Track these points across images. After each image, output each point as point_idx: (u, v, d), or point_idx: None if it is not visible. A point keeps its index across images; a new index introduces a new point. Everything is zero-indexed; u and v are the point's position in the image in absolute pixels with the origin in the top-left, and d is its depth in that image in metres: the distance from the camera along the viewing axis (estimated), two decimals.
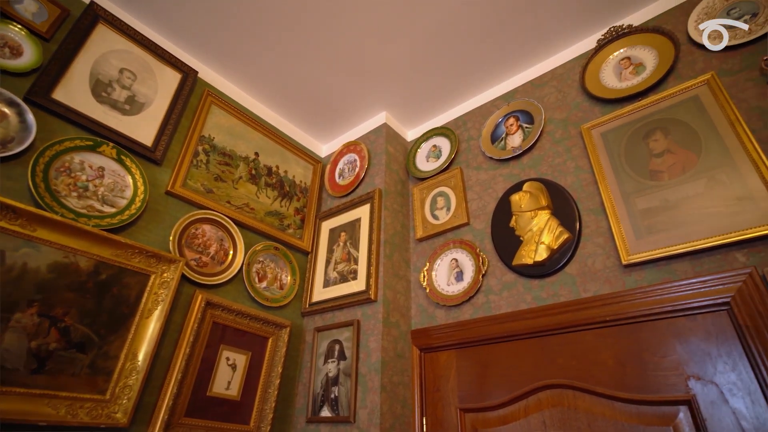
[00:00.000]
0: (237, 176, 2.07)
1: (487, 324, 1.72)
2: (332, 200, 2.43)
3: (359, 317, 1.89)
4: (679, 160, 1.48)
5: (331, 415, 1.74)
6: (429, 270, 2.00)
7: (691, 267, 1.35)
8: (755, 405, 1.14)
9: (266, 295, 1.98)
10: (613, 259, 1.51)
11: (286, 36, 1.99)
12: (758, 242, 1.26)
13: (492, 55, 2.08)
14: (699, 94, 1.52)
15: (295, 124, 2.57)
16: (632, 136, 1.62)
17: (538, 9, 1.85)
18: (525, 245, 1.71)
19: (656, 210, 1.46)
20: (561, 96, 1.95)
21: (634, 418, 1.32)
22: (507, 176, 1.96)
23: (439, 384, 1.78)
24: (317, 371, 1.90)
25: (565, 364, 1.50)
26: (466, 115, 2.32)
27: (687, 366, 1.28)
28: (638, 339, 1.39)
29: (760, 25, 1.48)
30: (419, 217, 2.18)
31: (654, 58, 1.70)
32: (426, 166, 2.33)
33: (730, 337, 1.24)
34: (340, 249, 2.17)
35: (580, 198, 1.68)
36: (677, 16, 1.72)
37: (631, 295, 1.42)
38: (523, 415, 1.53)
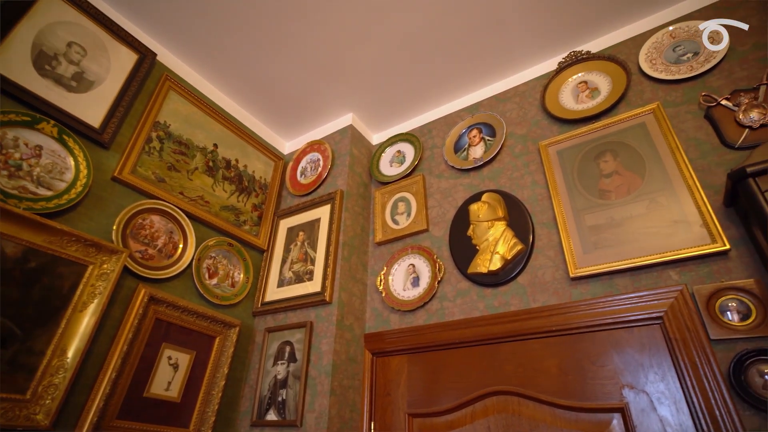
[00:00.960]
0: (193, 167, 1.98)
1: (440, 330, 1.74)
2: (292, 198, 2.38)
3: (313, 319, 1.86)
4: (626, 181, 1.57)
5: (277, 419, 1.69)
6: (386, 274, 2.00)
7: (631, 282, 1.44)
8: (679, 413, 1.23)
9: (216, 292, 1.90)
10: (561, 271, 1.58)
11: (256, 27, 1.93)
12: (690, 262, 1.36)
13: (460, 67, 2.12)
14: (646, 122, 1.63)
15: (259, 118, 2.50)
16: (585, 156, 1.71)
17: (507, 27, 1.91)
18: (480, 254, 1.75)
19: (603, 227, 1.54)
20: (522, 112, 2.02)
21: (572, 424, 1.38)
22: (467, 186, 2.01)
23: (389, 389, 1.78)
24: (265, 373, 1.84)
25: (512, 372, 1.55)
26: (431, 124, 2.36)
27: (622, 375, 1.35)
28: (580, 348, 1.46)
29: (701, 64, 1.61)
30: (380, 221, 2.18)
31: (608, 85, 1.80)
32: (389, 170, 2.33)
33: (661, 349, 1.33)
34: (298, 248, 2.12)
35: (535, 211, 1.74)
36: (630, 48, 1.84)
37: (576, 307, 1.49)
38: (469, 421, 1.56)
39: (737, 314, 1.24)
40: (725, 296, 1.27)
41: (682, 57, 1.68)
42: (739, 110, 1.46)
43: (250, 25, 1.93)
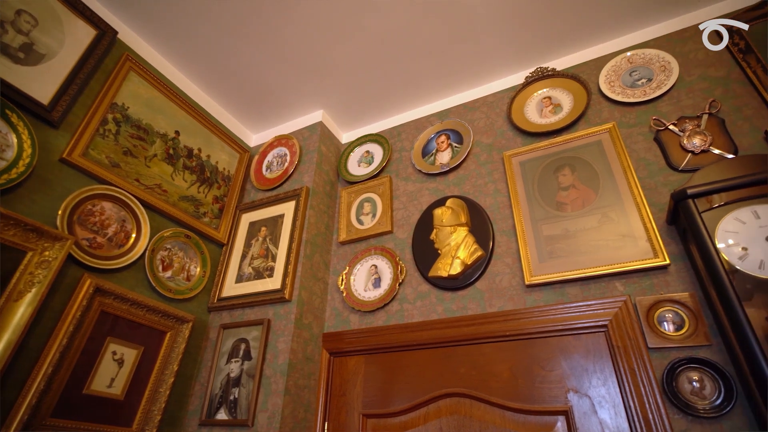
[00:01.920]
0: (151, 153, 1.89)
1: (399, 332, 1.76)
2: (256, 193, 2.32)
3: (270, 316, 1.82)
4: (581, 195, 1.65)
5: (228, 418, 1.64)
6: (348, 274, 1.99)
7: (581, 291, 1.51)
8: (617, 416, 1.30)
9: (170, 285, 1.82)
10: (518, 278, 1.64)
11: (230, 13, 1.87)
12: (634, 275, 1.45)
13: (433, 73, 2.16)
14: (602, 140, 1.72)
15: (226, 108, 2.42)
16: (545, 169, 1.78)
17: (480, 39, 1.96)
18: (442, 258, 1.78)
19: (558, 237, 1.61)
20: (489, 122, 2.08)
21: (520, 426, 1.44)
22: (433, 190, 2.04)
23: (345, 389, 1.78)
24: (218, 371, 1.79)
25: (466, 374, 1.58)
26: (401, 126, 2.38)
27: (568, 380, 1.42)
28: (531, 353, 1.51)
29: (653, 90, 1.72)
30: (344, 220, 2.17)
31: (570, 102, 1.89)
32: (357, 170, 2.33)
33: (604, 356, 1.41)
34: (259, 244, 2.08)
35: (496, 219, 1.80)
36: (592, 69, 1.94)
37: (529, 313, 1.55)
38: (422, 422, 1.58)
39: (672, 325, 1.34)
40: (663, 308, 1.37)
41: (638, 82, 1.79)
42: (684, 135, 1.57)
43: (223, 10, 1.87)
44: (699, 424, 1.19)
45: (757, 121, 1.51)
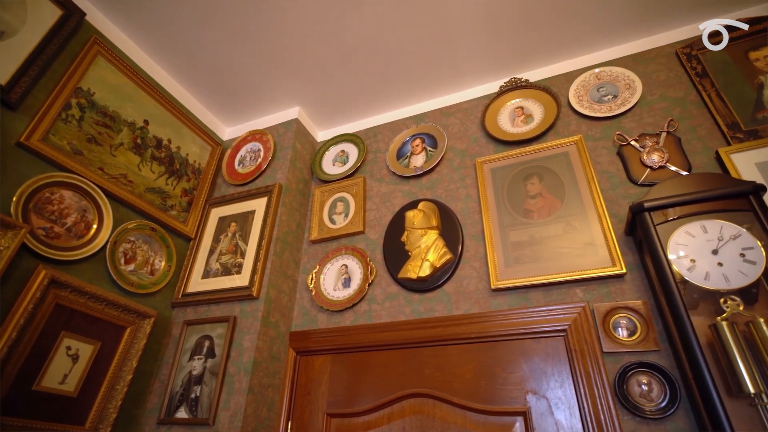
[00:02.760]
0: (117, 142, 1.82)
1: (366, 332, 1.77)
2: (227, 187, 2.28)
3: (237, 314, 1.79)
4: (547, 204, 1.72)
5: (188, 417, 1.60)
6: (318, 273, 1.99)
7: (543, 296, 1.57)
8: (572, 417, 1.36)
9: (132, 279, 1.76)
10: (484, 282, 1.68)
11: (206, 3, 1.83)
12: (593, 282, 1.52)
13: (410, 76, 2.18)
14: (569, 151, 1.79)
15: (200, 99, 2.36)
16: (515, 177, 1.84)
17: (458, 46, 2.00)
18: (412, 260, 1.80)
19: (524, 244, 1.67)
20: (464, 128, 2.12)
21: (480, 426, 1.48)
22: (406, 193, 2.06)
23: (310, 388, 1.77)
24: (180, 368, 1.75)
25: (430, 375, 1.61)
26: (377, 128, 2.39)
27: (528, 382, 1.47)
28: (494, 356, 1.56)
29: (618, 106, 1.81)
30: (317, 218, 2.16)
31: (541, 113, 1.95)
32: (331, 169, 2.32)
33: (562, 359, 1.47)
34: (228, 240, 2.04)
35: (466, 224, 1.84)
36: (563, 82, 2.01)
37: (494, 316, 1.59)
38: (386, 422, 1.60)
39: (626, 330, 1.41)
40: (618, 314, 1.44)
41: (604, 97, 1.87)
42: (644, 151, 1.66)
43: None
44: (646, 425, 1.26)
45: (709, 141, 1.61)
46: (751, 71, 1.67)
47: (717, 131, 1.61)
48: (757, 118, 1.57)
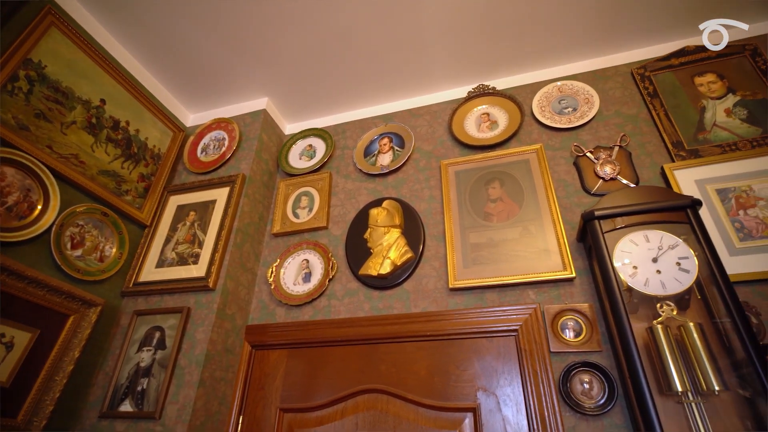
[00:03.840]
0: (69, 120, 1.73)
1: (324, 327, 1.76)
2: (188, 175, 2.21)
3: (191, 305, 1.74)
4: (507, 208, 1.78)
5: (133, 410, 1.54)
6: (278, 266, 1.96)
7: (498, 297, 1.62)
8: (519, 413, 1.42)
9: (79, 265, 1.67)
10: (442, 282, 1.72)
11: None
12: (545, 285, 1.58)
13: (383, 75, 2.19)
14: (530, 159, 1.86)
15: (163, 83, 2.27)
16: (478, 180, 1.89)
17: (428, 49, 2.03)
18: (373, 257, 1.82)
19: (482, 246, 1.72)
20: (431, 130, 2.16)
21: (431, 422, 1.51)
22: (371, 191, 2.07)
23: (264, 383, 1.75)
24: (127, 360, 1.67)
25: (386, 371, 1.63)
26: (346, 125, 2.39)
27: (479, 379, 1.52)
28: (448, 353, 1.59)
29: (577, 119, 1.90)
30: (280, 212, 2.14)
31: (506, 120, 2.02)
32: (298, 163, 2.30)
33: (512, 358, 1.52)
34: (186, 229, 1.98)
35: (428, 224, 1.87)
36: (527, 92, 2.08)
37: (451, 315, 1.63)
38: (339, 417, 1.60)
39: (572, 332, 1.48)
40: (566, 316, 1.51)
41: (565, 110, 1.96)
42: (598, 163, 1.75)
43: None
44: (585, 421, 1.33)
45: (656, 157, 1.72)
46: (695, 95, 1.80)
47: (663, 148, 1.72)
48: (698, 139, 1.69)
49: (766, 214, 1.46)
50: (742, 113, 1.69)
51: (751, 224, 1.46)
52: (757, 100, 1.69)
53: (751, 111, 1.68)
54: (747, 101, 1.71)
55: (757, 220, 1.46)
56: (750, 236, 1.45)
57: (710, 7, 1.82)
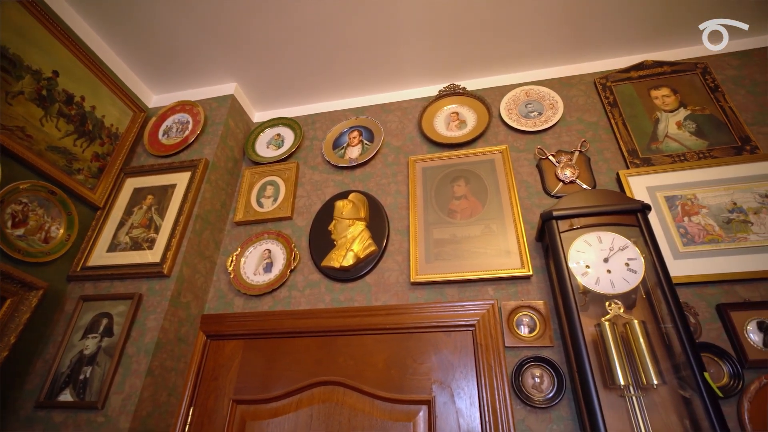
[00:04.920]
0: (16, 90, 1.61)
1: (284, 318, 1.73)
2: (147, 157, 2.12)
3: (144, 292, 1.67)
4: (470, 206, 1.81)
5: (73, 400, 1.46)
6: (239, 255, 1.91)
7: (458, 292, 1.64)
8: (472, 406, 1.44)
9: (20, 245, 1.57)
10: (404, 276, 1.72)
11: None
12: (503, 281, 1.62)
13: (356, 69, 2.18)
14: (495, 159, 1.90)
15: (125, 60, 2.17)
16: (444, 177, 1.91)
17: (402, 46, 2.04)
18: (337, 249, 1.80)
19: (445, 242, 1.74)
20: (401, 126, 2.17)
21: (387, 414, 1.51)
22: (338, 183, 2.06)
23: (218, 373, 1.70)
24: (70, 347, 1.58)
25: (344, 364, 1.62)
26: (316, 116, 2.36)
27: (435, 372, 1.53)
28: (407, 347, 1.60)
29: (542, 123, 1.95)
30: (243, 200, 2.08)
31: (474, 120, 2.06)
32: (265, 152, 2.25)
33: (469, 352, 1.55)
34: (142, 213, 1.89)
35: (393, 218, 1.88)
36: (496, 94, 2.13)
37: (410, 309, 1.64)
38: (294, 409, 1.58)
39: (527, 328, 1.52)
40: (522, 312, 1.55)
41: (530, 113, 2.01)
42: (558, 166, 1.81)
43: None
44: (534, 414, 1.37)
45: (613, 163, 1.80)
46: (651, 107, 1.89)
47: (620, 155, 1.80)
48: (651, 148, 1.78)
49: (708, 222, 1.56)
50: (692, 126, 1.79)
51: (694, 230, 1.55)
52: (705, 115, 1.80)
53: (699, 125, 1.79)
54: (696, 115, 1.81)
55: (700, 226, 1.56)
56: (693, 241, 1.53)
57: (671, 23, 1.92)
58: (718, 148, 1.70)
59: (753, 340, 1.34)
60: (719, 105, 1.81)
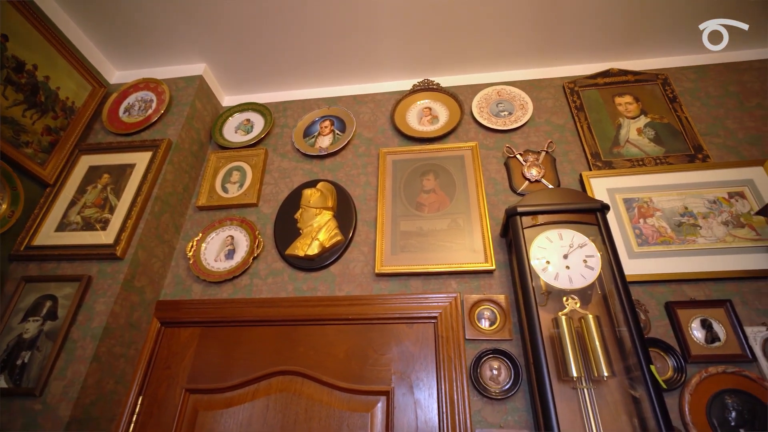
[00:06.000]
0: None
1: (244, 306, 1.69)
2: (106, 135, 2.01)
3: (94, 274, 1.58)
4: (438, 199, 1.82)
5: (8, 386, 1.36)
6: (200, 241, 1.85)
7: (422, 284, 1.65)
8: (430, 397, 1.45)
9: None
10: (369, 267, 1.71)
11: None
12: (467, 275, 1.64)
13: (331, 58, 2.15)
14: (465, 155, 1.92)
15: (87, 32, 2.05)
16: (414, 171, 1.91)
17: (380, 39, 2.03)
18: (302, 238, 1.77)
19: (412, 234, 1.74)
20: (374, 118, 2.16)
21: (345, 405, 1.49)
22: (307, 172, 2.02)
23: (171, 362, 1.63)
24: (8, 330, 1.48)
25: (304, 353, 1.59)
26: (288, 103, 2.31)
27: (396, 364, 1.53)
28: (368, 338, 1.59)
29: (512, 122, 1.99)
30: (208, 184, 2.01)
31: (446, 116, 2.07)
32: (233, 136, 2.19)
33: (430, 344, 1.56)
34: (97, 192, 1.80)
35: (361, 209, 1.86)
36: (468, 92, 2.15)
37: (374, 300, 1.63)
38: (250, 399, 1.54)
39: (488, 321, 1.54)
40: (483, 306, 1.57)
41: (501, 113, 2.05)
42: (525, 165, 1.84)
43: None
44: (490, 405, 1.39)
45: (577, 165, 1.85)
46: (614, 113, 1.96)
47: (583, 158, 1.86)
48: (613, 152, 1.85)
49: (661, 224, 1.63)
50: (651, 133, 1.87)
51: (648, 232, 1.62)
52: (663, 124, 1.89)
53: (657, 132, 1.87)
54: (655, 123, 1.89)
55: (653, 228, 1.62)
56: (647, 242, 1.60)
57: (637, 35, 2.00)
58: (674, 155, 1.78)
59: (696, 337, 1.41)
60: (677, 115, 1.89)
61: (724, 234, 1.57)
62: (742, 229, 1.57)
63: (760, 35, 1.98)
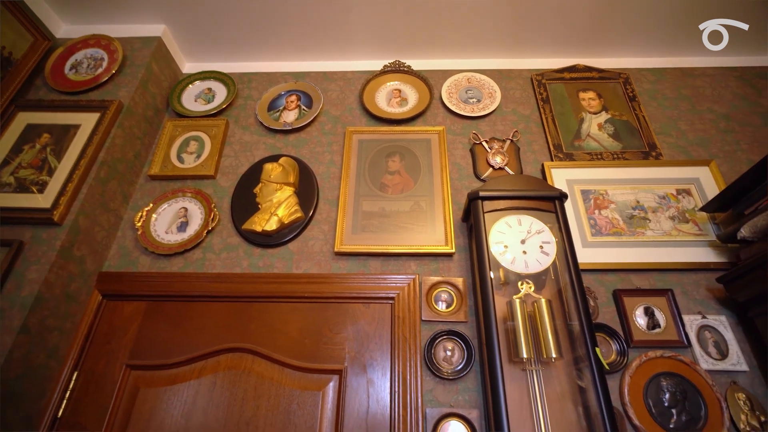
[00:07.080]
0: None
1: (194, 280, 1.61)
2: (48, 92, 1.85)
3: (27, 239, 1.46)
4: (403, 181, 1.80)
5: None
6: (150, 211, 1.74)
7: (381, 265, 1.63)
8: (383, 377, 1.44)
9: None
10: (329, 245, 1.68)
11: None
12: (426, 257, 1.63)
13: (301, 31, 2.07)
14: (431, 139, 1.91)
15: None
16: (380, 152, 1.89)
17: (353, 16, 1.98)
18: (260, 213, 1.71)
19: (374, 214, 1.71)
20: (342, 96, 2.11)
21: (296, 383, 1.46)
22: (270, 146, 1.95)
23: (112, 337, 1.54)
24: None
25: (255, 331, 1.54)
26: (254, 75, 2.22)
27: (350, 343, 1.51)
28: (324, 316, 1.56)
29: (480, 110, 2.00)
30: (162, 153, 1.90)
31: (415, 99, 2.05)
32: (192, 105, 2.08)
33: (386, 324, 1.54)
34: (35, 152, 1.65)
35: (324, 187, 1.82)
36: (439, 77, 2.14)
37: (332, 278, 1.60)
38: (196, 376, 1.47)
39: (444, 303, 1.55)
40: (441, 288, 1.57)
41: (470, 99, 2.05)
42: (490, 153, 1.86)
43: None
44: (442, 384, 1.40)
45: (540, 155, 1.89)
46: (578, 107, 2.01)
47: (546, 148, 1.90)
48: (574, 145, 1.89)
49: (614, 216, 1.69)
50: (610, 129, 1.93)
51: (602, 222, 1.68)
52: (622, 121, 1.95)
53: (616, 128, 1.93)
54: (615, 120, 1.96)
55: (607, 219, 1.68)
56: (600, 232, 1.65)
57: (603, 34, 2.06)
58: (630, 151, 1.85)
59: (639, 323, 1.48)
60: (635, 113, 1.96)
61: (670, 228, 1.64)
62: (686, 224, 1.65)
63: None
